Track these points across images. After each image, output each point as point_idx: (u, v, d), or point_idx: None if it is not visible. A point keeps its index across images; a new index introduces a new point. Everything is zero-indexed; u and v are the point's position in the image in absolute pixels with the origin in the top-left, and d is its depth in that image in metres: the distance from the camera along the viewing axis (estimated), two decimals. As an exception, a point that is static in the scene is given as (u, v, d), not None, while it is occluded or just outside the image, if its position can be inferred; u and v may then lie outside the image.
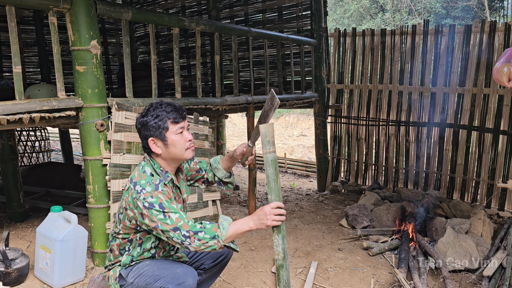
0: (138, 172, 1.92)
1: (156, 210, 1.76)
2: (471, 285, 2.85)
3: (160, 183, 1.88)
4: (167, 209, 1.77)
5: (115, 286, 2.00)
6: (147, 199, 1.79)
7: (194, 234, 1.74)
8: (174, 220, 1.76)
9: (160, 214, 1.76)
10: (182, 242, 1.75)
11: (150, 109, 1.91)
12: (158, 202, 1.78)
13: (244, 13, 6.04)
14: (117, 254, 2.02)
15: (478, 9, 14.01)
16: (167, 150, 1.91)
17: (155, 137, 1.89)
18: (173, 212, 1.77)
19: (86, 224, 3.07)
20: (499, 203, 4.40)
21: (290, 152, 10.34)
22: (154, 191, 1.82)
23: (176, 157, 1.94)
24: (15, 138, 3.95)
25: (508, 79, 2.71)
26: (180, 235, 1.74)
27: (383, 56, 5.05)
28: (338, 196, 5.17)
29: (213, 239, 1.74)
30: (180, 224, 1.75)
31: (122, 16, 2.92)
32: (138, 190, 1.83)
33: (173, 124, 1.89)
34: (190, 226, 1.76)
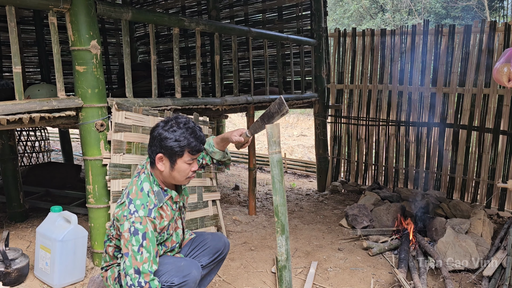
0: (136, 188, 1.89)
1: (136, 239, 1.76)
2: (471, 285, 2.85)
3: (154, 208, 1.85)
4: (146, 242, 1.76)
5: (114, 287, 2.00)
6: (135, 224, 1.78)
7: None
8: (143, 258, 1.76)
9: (136, 246, 1.76)
10: (130, 286, 1.75)
11: (175, 126, 1.86)
12: (144, 231, 1.77)
13: (244, 13, 6.04)
14: (112, 256, 2.03)
15: (478, 9, 14.01)
16: (170, 173, 1.89)
17: (166, 156, 1.87)
18: (147, 251, 1.77)
19: (86, 224, 3.07)
20: (499, 203, 4.40)
21: (290, 152, 10.34)
22: (145, 217, 1.80)
23: (174, 180, 1.93)
24: (15, 138, 3.95)
25: (508, 79, 2.71)
26: (136, 281, 1.74)
27: (383, 56, 5.05)
28: (338, 196, 5.17)
29: None
30: (145, 270, 1.75)
31: (122, 16, 2.92)
32: (131, 210, 1.81)
33: (189, 154, 1.87)
34: (151, 278, 1.77)
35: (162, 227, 1.91)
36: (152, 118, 3.03)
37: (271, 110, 1.95)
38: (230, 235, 3.77)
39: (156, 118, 3.06)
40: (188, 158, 1.87)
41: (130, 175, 2.88)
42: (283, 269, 1.85)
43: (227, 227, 3.93)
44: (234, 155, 8.08)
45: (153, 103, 3.12)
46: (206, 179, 3.58)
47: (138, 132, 2.95)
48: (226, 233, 3.69)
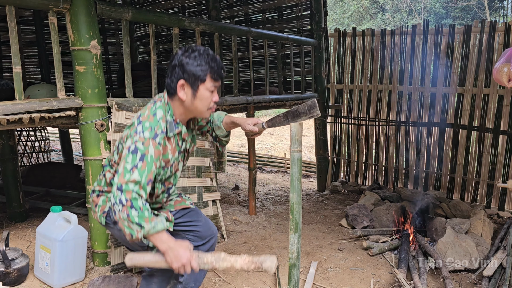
0: (149, 112, 1.83)
1: (133, 158, 1.71)
2: (471, 285, 2.85)
3: (161, 134, 1.80)
4: (141, 164, 1.71)
5: (100, 218, 1.96)
6: (137, 143, 1.73)
7: (130, 207, 1.67)
8: (131, 178, 1.69)
9: (130, 165, 1.70)
10: (113, 204, 1.69)
11: (195, 52, 1.80)
12: (143, 153, 1.72)
13: (244, 13, 6.04)
14: (108, 182, 1.97)
15: (478, 9, 14.01)
16: (192, 101, 1.82)
17: (187, 83, 1.80)
18: (139, 174, 1.70)
19: (86, 224, 3.07)
20: (499, 203, 4.40)
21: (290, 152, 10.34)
22: (149, 139, 1.75)
23: (195, 112, 1.87)
24: (15, 138, 3.95)
25: (508, 79, 2.71)
26: (117, 198, 1.68)
27: (383, 56, 5.05)
28: (338, 196, 5.17)
29: (138, 226, 1.67)
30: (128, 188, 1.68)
31: (122, 16, 2.92)
32: (138, 130, 1.76)
33: (211, 80, 1.81)
34: (133, 196, 1.68)
35: (167, 160, 1.85)
36: (152, 118, 3.02)
37: (299, 110, 1.89)
38: (230, 235, 3.77)
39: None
40: (210, 84, 1.81)
41: (130, 175, 2.88)
42: (293, 267, 1.85)
43: (227, 227, 3.93)
44: (234, 155, 8.08)
45: (153, 103, 3.12)
46: (206, 179, 3.58)
47: (138, 132, 2.94)
48: (226, 233, 3.69)
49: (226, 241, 3.61)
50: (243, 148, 10.66)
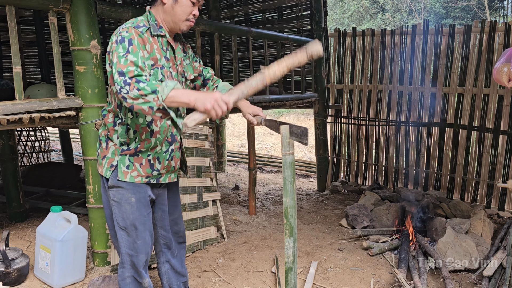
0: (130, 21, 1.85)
1: (123, 46, 1.69)
2: (471, 285, 2.85)
3: (143, 27, 1.80)
4: (133, 48, 1.69)
5: (106, 171, 1.93)
6: (121, 33, 1.73)
7: (136, 82, 1.61)
8: (127, 61, 1.66)
9: (123, 52, 1.68)
10: (121, 90, 1.63)
11: None
12: (129, 38, 1.71)
13: (244, 13, 6.04)
14: (110, 121, 1.94)
15: (478, 9, 14.01)
16: (173, 6, 1.83)
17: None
18: (134, 55, 1.68)
19: (86, 224, 3.07)
20: (499, 203, 4.40)
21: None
22: (132, 28, 1.75)
23: (173, 19, 1.86)
24: (15, 138, 3.95)
25: (508, 79, 2.71)
26: (122, 81, 1.62)
27: (383, 56, 5.05)
28: (338, 196, 5.17)
29: (152, 94, 1.60)
30: (128, 70, 1.64)
31: (122, 16, 2.92)
32: (121, 27, 1.78)
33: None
34: (136, 73, 1.64)
35: (155, 58, 1.83)
36: (152, 118, 3.03)
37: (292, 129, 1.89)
38: (230, 235, 3.77)
39: (156, 118, 3.05)
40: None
41: (130, 175, 2.88)
42: (289, 271, 1.84)
43: (227, 227, 3.93)
44: (234, 155, 8.08)
45: (153, 103, 3.12)
46: (206, 179, 3.58)
47: (138, 132, 2.94)
48: (226, 233, 3.70)
49: (226, 241, 3.61)
50: (243, 148, 10.67)
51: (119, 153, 1.91)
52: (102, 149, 1.96)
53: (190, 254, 3.31)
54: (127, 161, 1.91)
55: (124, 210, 1.94)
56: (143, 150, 1.92)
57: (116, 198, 1.94)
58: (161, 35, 1.87)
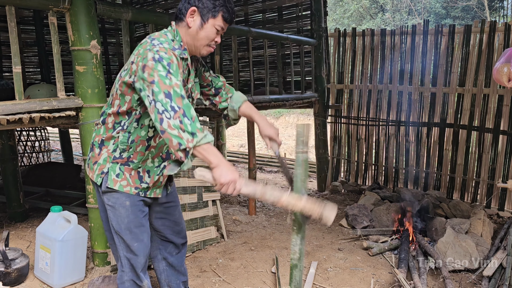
0: (159, 33, 1.82)
1: (162, 65, 1.62)
2: (471, 285, 2.85)
3: (178, 49, 1.78)
4: (172, 71, 1.65)
5: (96, 177, 1.90)
6: (160, 52, 1.66)
7: (183, 115, 1.57)
8: (172, 82, 1.61)
9: (164, 72, 1.61)
10: (162, 112, 1.57)
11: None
12: (169, 61, 1.66)
13: (244, 13, 6.04)
14: (110, 127, 1.87)
15: (478, 9, 14.01)
16: (197, 31, 1.81)
17: (199, 11, 1.80)
18: (176, 77, 1.63)
19: (86, 224, 3.07)
20: (499, 203, 4.40)
21: (290, 152, 10.33)
22: (170, 50, 1.71)
23: (195, 43, 1.84)
24: (15, 138, 3.95)
25: (508, 79, 2.71)
26: (168, 105, 1.57)
27: (383, 56, 5.05)
28: (338, 196, 5.17)
29: (190, 135, 1.57)
30: (175, 92, 1.59)
31: (122, 16, 2.92)
32: (155, 43, 1.71)
33: (221, 19, 1.81)
34: (184, 103, 1.59)
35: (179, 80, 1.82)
36: (152, 118, 3.02)
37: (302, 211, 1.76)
38: (230, 235, 3.77)
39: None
40: (220, 23, 1.81)
41: (130, 175, 2.88)
42: (294, 268, 1.83)
43: (227, 227, 3.93)
44: (234, 155, 8.08)
45: (153, 103, 3.12)
46: (206, 179, 3.57)
47: (138, 132, 2.94)
48: (226, 233, 3.69)
49: (226, 241, 3.61)
50: (243, 148, 10.67)
51: (111, 161, 1.87)
52: (94, 154, 1.92)
53: (190, 254, 3.31)
54: (117, 169, 1.87)
55: (119, 214, 1.91)
56: (134, 161, 1.88)
57: (110, 202, 1.91)
58: (185, 58, 1.86)
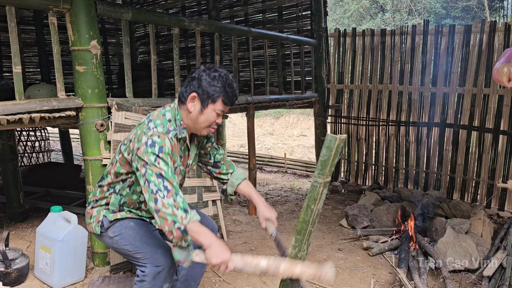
0: (158, 113, 1.89)
1: (152, 151, 1.73)
2: (471, 285, 2.85)
3: (173, 131, 1.85)
4: (163, 155, 1.73)
5: (95, 228, 1.99)
6: (153, 137, 1.76)
7: (175, 194, 1.68)
8: (162, 166, 1.71)
9: (154, 156, 1.72)
10: (156, 192, 1.66)
11: (217, 73, 1.87)
12: (161, 145, 1.74)
13: (244, 13, 6.04)
14: (105, 190, 1.99)
15: (478, 9, 14.01)
16: (198, 115, 1.88)
17: (199, 97, 1.86)
18: (165, 163, 1.73)
19: (86, 224, 3.06)
20: (499, 203, 4.40)
21: (290, 152, 10.34)
22: (163, 133, 1.79)
23: (195, 126, 1.91)
24: (15, 138, 3.95)
25: (508, 79, 2.71)
26: (161, 185, 1.67)
27: (383, 56, 5.05)
28: (338, 196, 5.17)
29: (183, 212, 1.67)
30: (168, 175, 1.70)
31: (122, 16, 2.92)
32: (151, 127, 1.80)
33: (221, 104, 1.87)
34: (174, 184, 1.71)
35: (174, 160, 1.89)
36: (152, 118, 3.02)
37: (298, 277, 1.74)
38: (230, 235, 3.77)
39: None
40: (220, 107, 1.87)
41: (130, 175, 2.88)
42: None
43: (227, 227, 3.93)
44: (234, 155, 8.08)
45: (153, 103, 3.12)
46: (206, 179, 3.58)
47: (138, 132, 2.94)
48: (226, 233, 3.69)
49: (226, 241, 3.61)
50: (243, 148, 10.67)
51: (104, 208, 1.99)
52: (87, 210, 2.05)
53: (190, 254, 3.30)
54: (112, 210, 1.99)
55: (128, 235, 1.93)
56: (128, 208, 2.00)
57: (116, 233, 1.95)
58: (182, 137, 1.93)
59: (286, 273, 1.64)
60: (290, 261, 1.65)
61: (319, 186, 1.45)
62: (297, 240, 1.61)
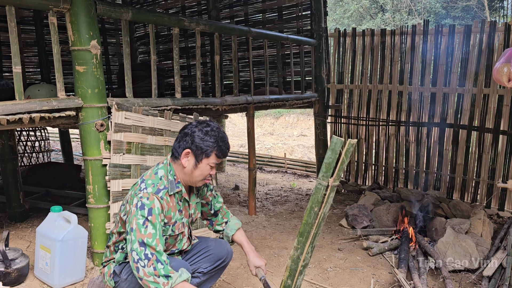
0: (151, 172, 1.96)
1: (141, 213, 1.78)
2: (471, 285, 2.85)
3: (164, 189, 1.89)
4: (152, 218, 1.78)
5: (110, 283, 2.03)
6: (142, 199, 1.81)
7: (156, 261, 1.73)
8: (147, 232, 1.75)
9: (142, 220, 1.77)
10: (138, 261, 1.73)
11: (209, 127, 1.92)
12: (150, 207, 1.79)
13: (244, 13, 6.04)
14: (112, 250, 2.06)
15: (478, 9, 14.01)
16: (192, 170, 1.93)
17: (193, 153, 1.91)
18: (153, 226, 1.77)
19: (86, 224, 3.07)
20: (499, 203, 4.40)
21: (290, 152, 10.34)
22: (152, 194, 1.83)
23: (191, 179, 1.97)
24: (15, 138, 3.94)
25: (508, 79, 2.71)
26: (142, 253, 1.73)
27: (383, 56, 5.05)
28: (338, 196, 5.17)
29: (165, 278, 1.73)
30: (150, 242, 1.74)
31: (122, 16, 2.92)
32: (142, 187, 1.86)
33: (215, 157, 1.93)
34: (157, 250, 1.75)
35: (169, 216, 1.93)
36: (152, 118, 3.03)
37: None
38: (230, 235, 3.76)
39: (156, 118, 3.06)
40: (213, 161, 1.93)
41: (130, 175, 2.88)
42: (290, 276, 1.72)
43: (227, 227, 3.92)
44: (234, 155, 8.08)
45: (153, 103, 3.12)
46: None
47: (138, 132, 2.95)
48: (226, 233, 3.69)
49: (226, 241, 3.61)
50: (243, 148, 10.67)
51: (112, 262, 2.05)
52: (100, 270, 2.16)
53: (190, 254, 3.30)
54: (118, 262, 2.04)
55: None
56: None
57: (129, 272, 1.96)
58: (178, 192, 1.97)
59: None
60: None
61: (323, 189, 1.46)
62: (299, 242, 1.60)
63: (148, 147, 3.01)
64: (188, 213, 2.08)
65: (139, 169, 2.94)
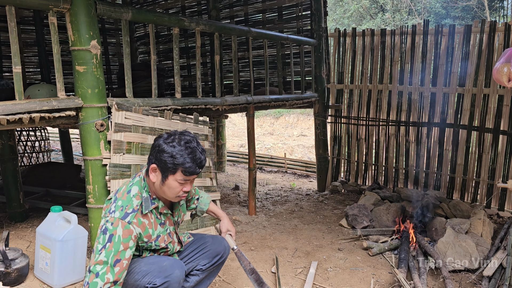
0: (125, 188, 1.89)
1: (103, 238, 1.74)
2: (471, 285, 2.85)
3: (132, 213, 1.82)
4: (109, 245, 1.72)
5: None
6: (107, 223, 1.77)
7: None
8: (98, 259, 1.71)
9: (101, 245, 1.73)
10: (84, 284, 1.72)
11: (175, 141, 1.81)
12: (111, 233, 1.74)
13: (244, 13, 6.04)
14: None
15: (478, 9, 14.01)
16: (160, 186, 1.85)
17: (159, 169, 1.83)
18: (106, 255, 1.71)
19: (86, 224, 3.07)
20: (499, 203, 4.40)
21: (290, 152, 10.34)
22: (119, 219, 1.78)
23: (164, 195, 1.89)
24: (15, 138, 3.95)
25: (508, 79, 2.71)
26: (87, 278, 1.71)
27: (383, 56, 5.05)
28: (338, 196, 5.17)
29: None
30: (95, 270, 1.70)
31: (122, 16, 2.92)
32: (111, 209, 1.81)
33: (182, 175, 1.82)
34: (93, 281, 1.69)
35: (148, 235, 1.88)
36: (152, 118, 3.03)
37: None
38: (230, 235, 3.76)
39: (156, 118, 3.06)
40: (181, 178, 1.82)
41: (130, 175, 2.88)
42: None
43: (227, 227, 3.92)
44: (234, 155, 8.09)
45: (153, 103, 3.12)
46: (206, 179, 3.58)
47: (138, 132, 2.95)
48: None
49: (226, 241, 3.61)
50: (243, 148, 10.68)
51: None
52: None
53: (190, 254, 3.30)
54: None
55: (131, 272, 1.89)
56: None
57: None
58: (154, 208, 1.92)
59: None
60: None
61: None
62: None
63: (148, 147, 3.01)
64: (172, 221, 2.04)
65: (139, 169, 2.94)
